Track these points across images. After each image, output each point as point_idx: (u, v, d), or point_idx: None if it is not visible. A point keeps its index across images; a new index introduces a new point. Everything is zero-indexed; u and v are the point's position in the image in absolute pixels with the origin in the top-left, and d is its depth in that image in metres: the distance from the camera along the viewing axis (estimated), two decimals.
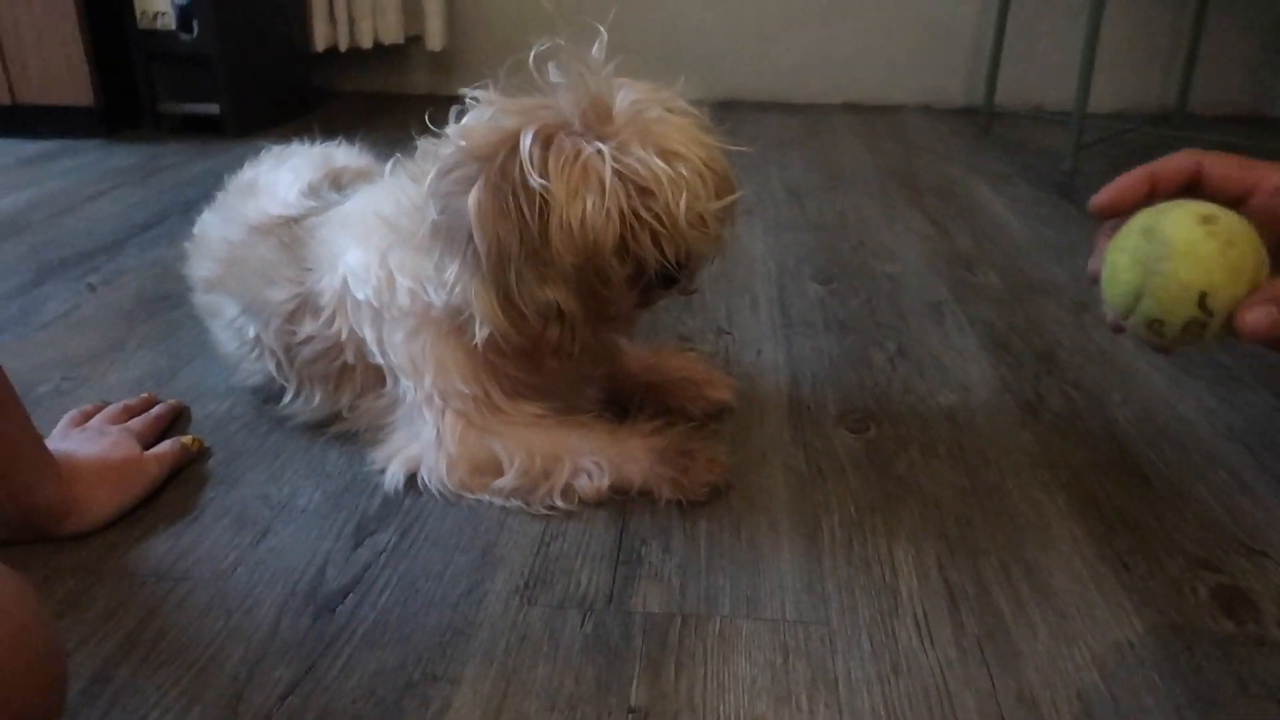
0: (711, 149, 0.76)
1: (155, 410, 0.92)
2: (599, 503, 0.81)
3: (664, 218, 0.73)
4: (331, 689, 0.62)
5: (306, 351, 0.90)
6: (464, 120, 0.77)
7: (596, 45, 0.78)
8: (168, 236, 1.49)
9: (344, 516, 0.80)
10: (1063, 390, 1.02)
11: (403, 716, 0.60)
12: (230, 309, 0.95)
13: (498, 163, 0.73)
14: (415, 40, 2.64)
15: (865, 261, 1.43)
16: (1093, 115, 1.98)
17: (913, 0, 2.55)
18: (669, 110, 0.76)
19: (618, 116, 0.74)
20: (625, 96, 0.75)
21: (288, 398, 0.93)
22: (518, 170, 0.72)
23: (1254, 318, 0.50)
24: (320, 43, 2.47)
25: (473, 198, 0.73)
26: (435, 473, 0.83)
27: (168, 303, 1.23)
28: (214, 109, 2.19)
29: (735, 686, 0.63)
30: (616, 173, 0.71)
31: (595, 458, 0.82)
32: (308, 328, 0.89)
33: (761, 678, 0.63)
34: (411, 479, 0.84)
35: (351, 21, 2.50)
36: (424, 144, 0.82)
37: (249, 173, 1.07)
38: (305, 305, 0.89)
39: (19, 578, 0.49)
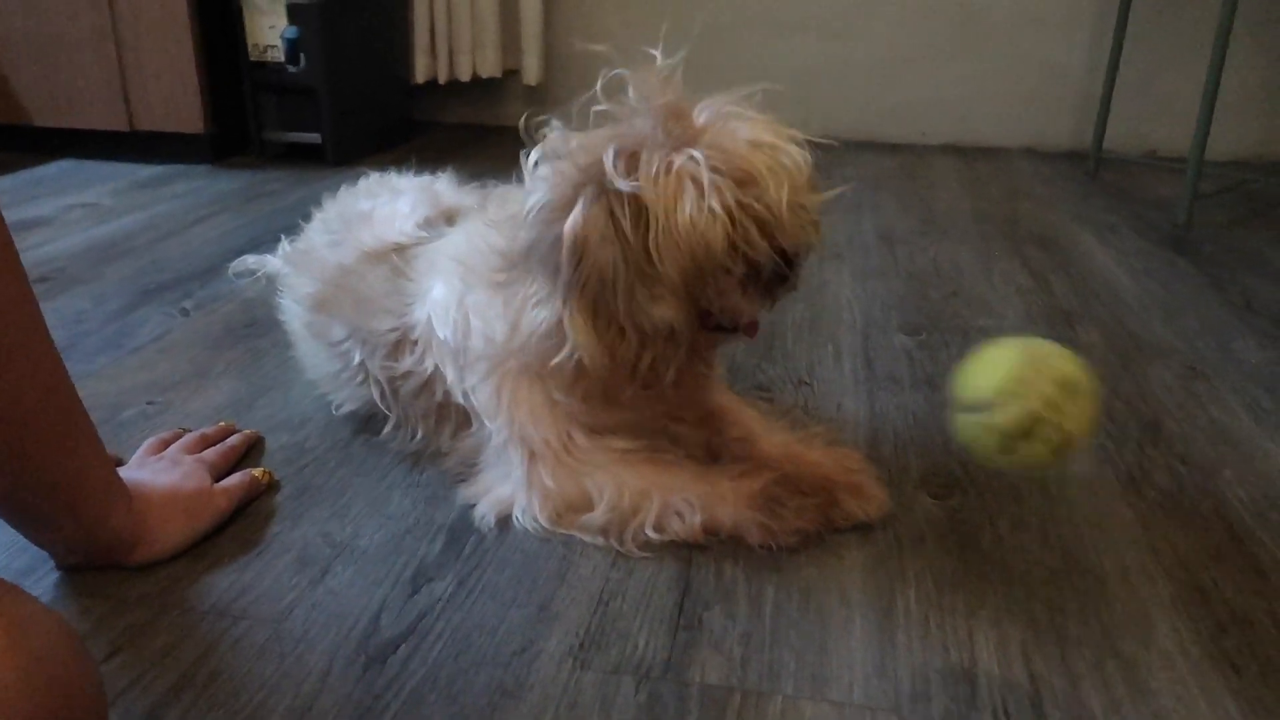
0: (798, 139, 0.75)
1: (231, 440, 0.93)
2: (691, 542, 0.80)
3: (771, 206, 0.72)
4: None
5: (407, 387, 0.91)
6: (540, 155, 0.77)
7: (660, 58, 0.76)
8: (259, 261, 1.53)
9: (404, 561, 0.79)
10: (1169, 465, 0.95)
11: None
12: (338, 331, 0.96)
13: (591, 185, 0.72)
14: (512, 74, 2.69)
15: (958, 313, 1.37)
16: (1211, 163, 1.88)
17: (1023, 39, 2.48)
18: (747, 111, 0.76)
19: (698, 122, 0.74)
20: (702, 103, 0.75)
21: (389, 428, 0.94)
22: (611, 188, 0.71)
23: None
24: (420, 75, 2.53)
25: (570, 224, 0.73)
26: (529, 511, 0.82)
27: (254, 330, 1.26)
28: (316, 138, 2.25)
29: None
30: (714, 169, 0.71)
31: (685, 495, 0.80)
32: (406, 363, 0.90)
33: None
34: (503, 519, 0.84)
35: (451, 55, 2.56)
36: (502, 188, 0.82)
37: (359, 200, 1.09)
38: (404, 339, 0.90)
39: (62, 622, 0.48)
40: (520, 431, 0.82)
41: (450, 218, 1.01)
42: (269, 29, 2.15)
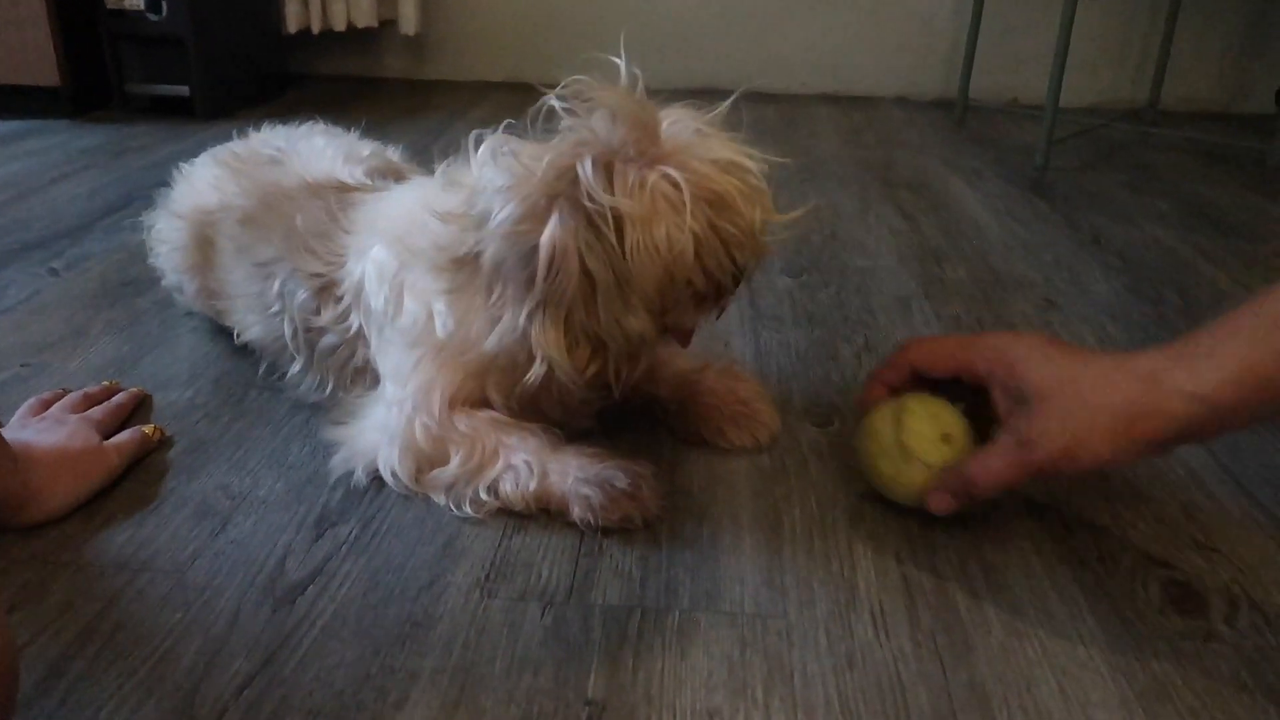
0: (758, 161, 0.77)
1: (116, 398, 0.92)
2: (523, 509, 0.79)
3: (742, 229, 0.73)
4: (289, 681, 0.62)
5: (325, 340, 0.90)
6: (492, 162, 0.76)
7: (624, 72, 0.77)
8: (134, 220, 1.47)
9: (305, 508, 0.80)
10: None
11: (360, 709, 0.60)
12: (264, 251, 0.94)
13: (565, 196, 0.72)
14: (389, 24, 2.62)
15: (836, 255, 1.43)
16: (1066, 110, 2.00)
17: None
18: (709, 129, 0.76)
19: (665, 137, 0.74)
20: (667, 118, 0.75)
21: (295, 369, 0.93)
22: (588, 199, 0.71)
23: (937, 502, 0.75)
24: (292, 24, 2.44)
25: (549, 235, 0.71)
26: (389, 462, 0.82)
27: (132, 288, 1.22)
28: (184, 91, 2.16)
29: (692, 679, 0.63)
30: (690, 190, 0.71)
31: (529, 458, 0.80)
32: (327, 316, 0.89)
33: (718, 671, 0.64)
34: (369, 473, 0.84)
35: (324, 3, 2.48)
36: (449, 170, 0.82)
37: (260, 145, 1.07)
38: (330, 290, 0.89)
39: None
40: (414, 394, 0.81)
41: (399, 174, 1.00)
42: None
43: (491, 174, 0.75)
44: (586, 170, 0.71)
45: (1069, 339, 1.14)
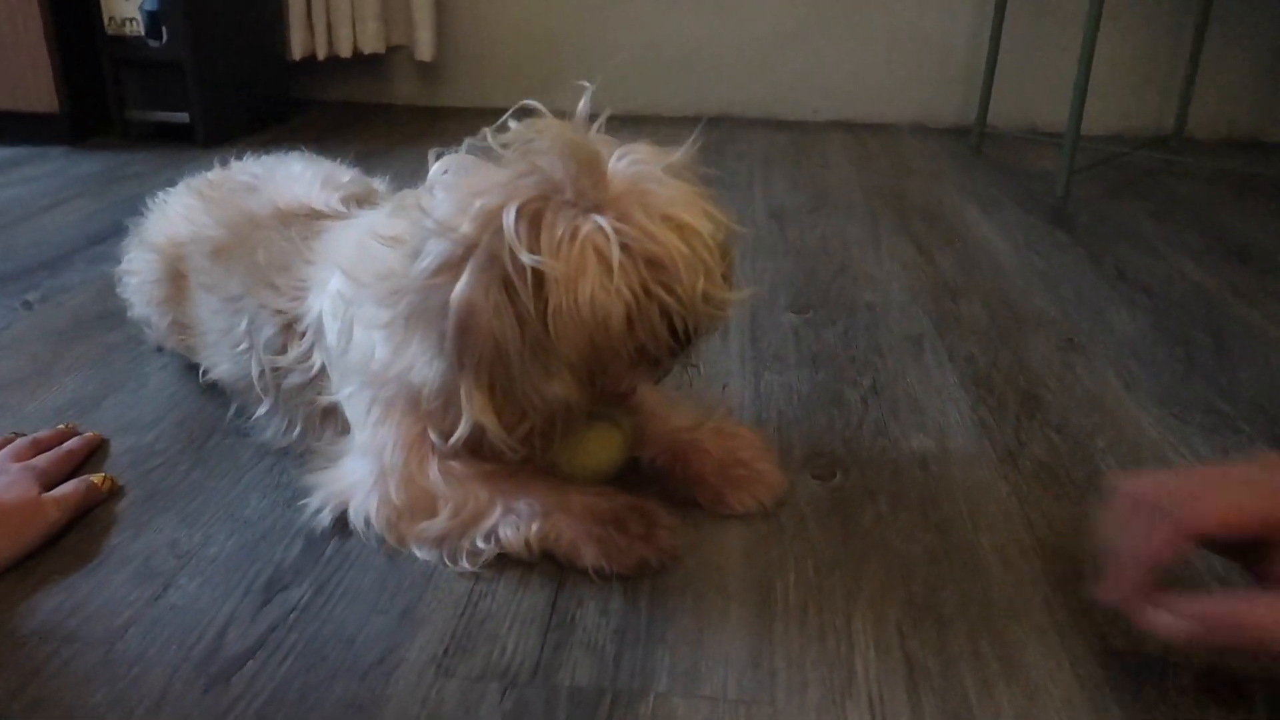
0: (716, 219, 0.69)
1: (68, 445, 0.86)
2: (525, 554, 0.73)
3: (681, 297, 0.66)
4: None
5: (290, 380, 0.84)
6: (434, 190, 0.70)
7: (582, 101, 0.71)
8: (116, 250, 1.42)
9: (257, 568, 0.74)
10: (1045, 436, 0.96)
11: None
12: (233, 286, 0.88)
13: (483, 249, 0.65)
14: (399, 50, 2.59)
15: (845, 289, 1.36)
16: (1088, 137, 1.93)
17: (907, 17, 2.50)
18: (666, 174, 0.69)
19: (613, 181, 0.67)
20: (620, 158, 0.68)
21: (262, 410, 0.87)
22: (508, 254, 0.64)
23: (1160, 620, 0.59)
24: (297, 51, 2.42)
25: (459, 293, 0.65)
26: (363, 509, 0.76)
27: (105, 323, 1.17)
28: (184, 117, 2.13)
29: None
30: (624, 247, 0.64)
31: (529, 500, 0.74)
32: (291, 355, 0.83)
33: None
34: (339, 521, 0.78)
35: (330, 29, 2.45)
36: (402, 193, 0.76)
37: (237, 173, 1.04)
38: (293, 327, 0.83)
39: None
40: (379, 447, 0.76)
41: (370, 200, 0.95)
42: (126, 1, 2.01)
43: (434, 200, 0.69)
44: (510, 220, 0.64)
45: (1091, 382, 1.07)
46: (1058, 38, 2.42)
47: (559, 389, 0.67)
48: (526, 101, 0.70)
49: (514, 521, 0.74)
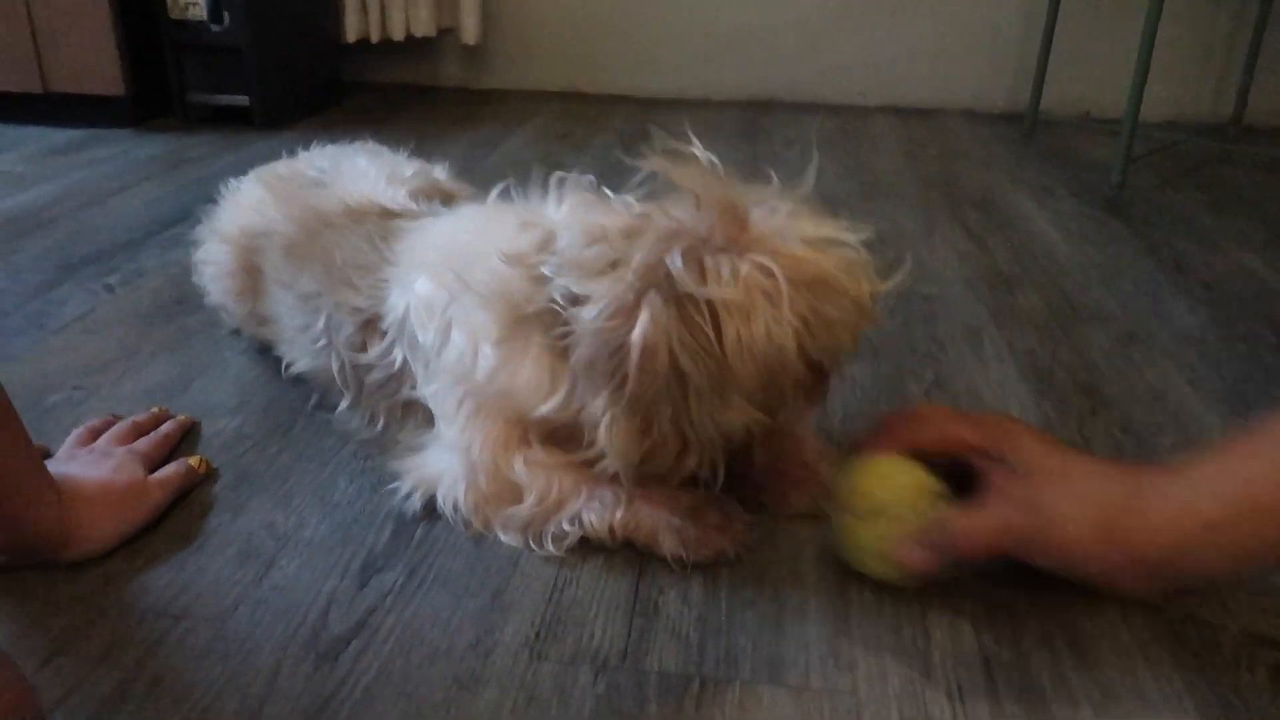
0: (851, 233, 0.73)
1: (164, 428, 0.90)
2: (608, 539, 0.76)
3: (848, 305, 0.70)
4: None
5: (372, 377, 0.88)
6: (575, 219, 0.73)
7: (699, 150, 0.73)
8: (188, 235, 1.46)
9: (351, 551, 0.77)
10: (1110, 433, 0.97)
11: None
12: (308, 284, 0.92)
13: (656, 289, 0.68)
14: (448, 32, 2.61)
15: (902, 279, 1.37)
16: (1143, 124, 1.91)
17: (958, 1, 2.48)
18: (799, 210, 0.72)
19: (754, 223, 0.70)
20: (755, 202, 0.71)
21: (344, 405, 0.91)
22: (683, 293, 0.67)
23: (912, 556, 0.70)
24: (351, 34, 2.45)
25: (640, 331, 0.68)
26: (451, 494, 0.80)
27: (184, 307, 1.21)
28: (243, 100, 2.17)
29: None
30: (787, 278, 0.67)
31: (614, 489, 0.77)
32: (373, 353, 0.86)
33: None
34: (425, 506, 0.81)
35: (383, 12, 2.47)
36: (522, 208, 0.80)
37: (304, 166, 1.06)
38: (374, 324, 0.86)
39: None
40: (467, 445, 0.79)
41: (446, 197, 0.97)
42: None
43: (576, 243, 0.72)
44: (677, 263, 0.67)
45: (1153, 378, 1.08)
46: (1112, 22, 2.39)
47: (737, 418, 0.70)
48: (656, 159, 0.72)
49: (597, 507, 0.77)
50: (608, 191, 0.77)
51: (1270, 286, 1.38)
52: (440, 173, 1.09)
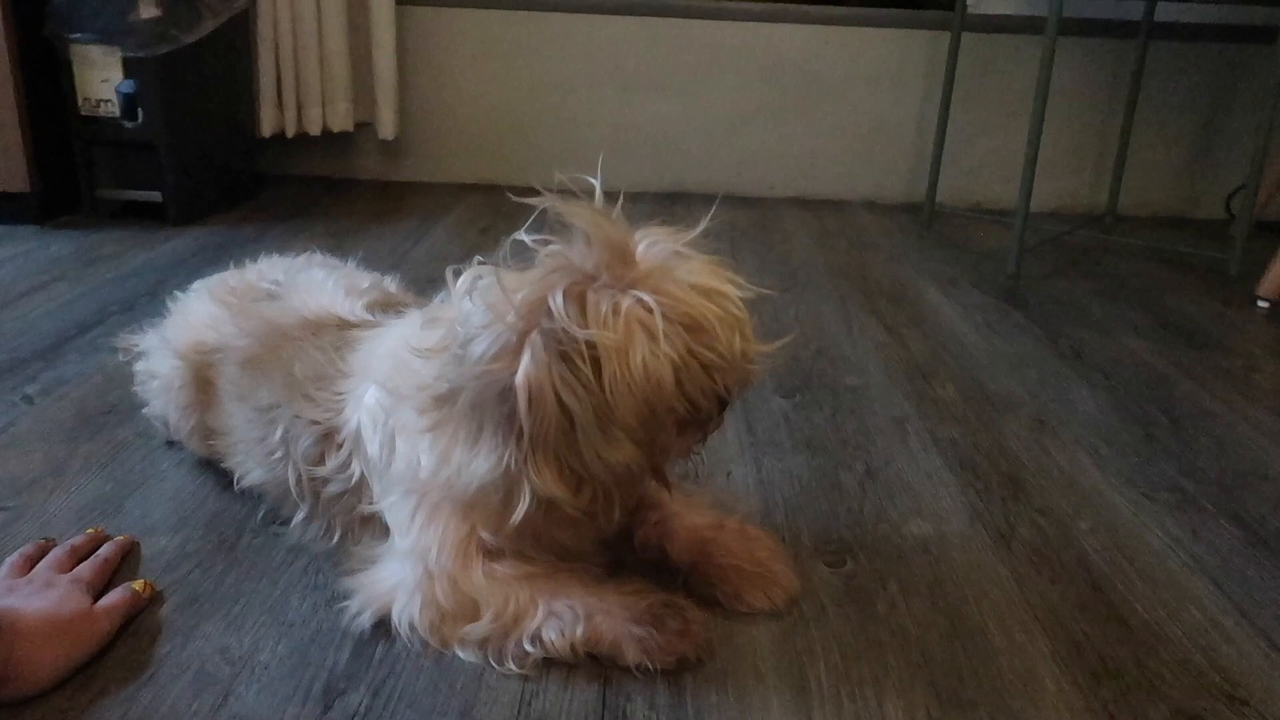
0: (738, 283, 0.76)
1: (103, 551, 0.87)
2: (570, 657, 0.77)
3: (722, 354, 0.72)
4: None
5: (329, 489, 0.87)
6: (468, 299, 0.75)
7: (598, 190, 0.77)
8: (109, 339, 1.43)
9: (311, 673, 0.76)
10: (1031, 518, 1.03)
11: None
12: (265, 396, 0.91)
13: (539, 330, 0.70)
14: (365, 126, 2.63)
15: (826, 371, 1.44)
16: (1031, 215, 2.06)
17: (858, 101, 2.64)
18: (686, 250, 0.75)
19: (641, 262, 0.73)
20: (642, 240, 0.74)
21: (299, 516, 0.90)
22: (562, 333, 0.69)
23: None
24: (267, 129, 2.45)
25: (524, 373, 0.70)
26: (407, 615, 0.79)
27: (112, 418, 1.18)
28: (156, 196, 2.13)
29: None
30: (664, 316, 0.70)
31: (570, 603, 0.78)
32: (330, 465, 0.86)
33: None
34: (380, 624, 0.81)
35: (300, 108, 2.49)
36: (430, 307, 0.81)
37: (256, 279, 1.05)
38: (331, 437, 0.86)
39: None
40: (424, 549, 0.79)
41: (398, 306, 0.98)
42: (101, 82, 2.03)
43: (469, 308, 0.74)
44: (558, 302, 0.70)
45: (1065, 463, 1.15)
46: (999, 120, 2.58)
47: (621, 454, 0.72)
48: (550, 199, 0.74)
49: (557, 625, 0.77)
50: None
51: (1158, 371, 1.49)
52: (392, 284, 1.11)
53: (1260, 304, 1.83)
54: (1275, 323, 1.77)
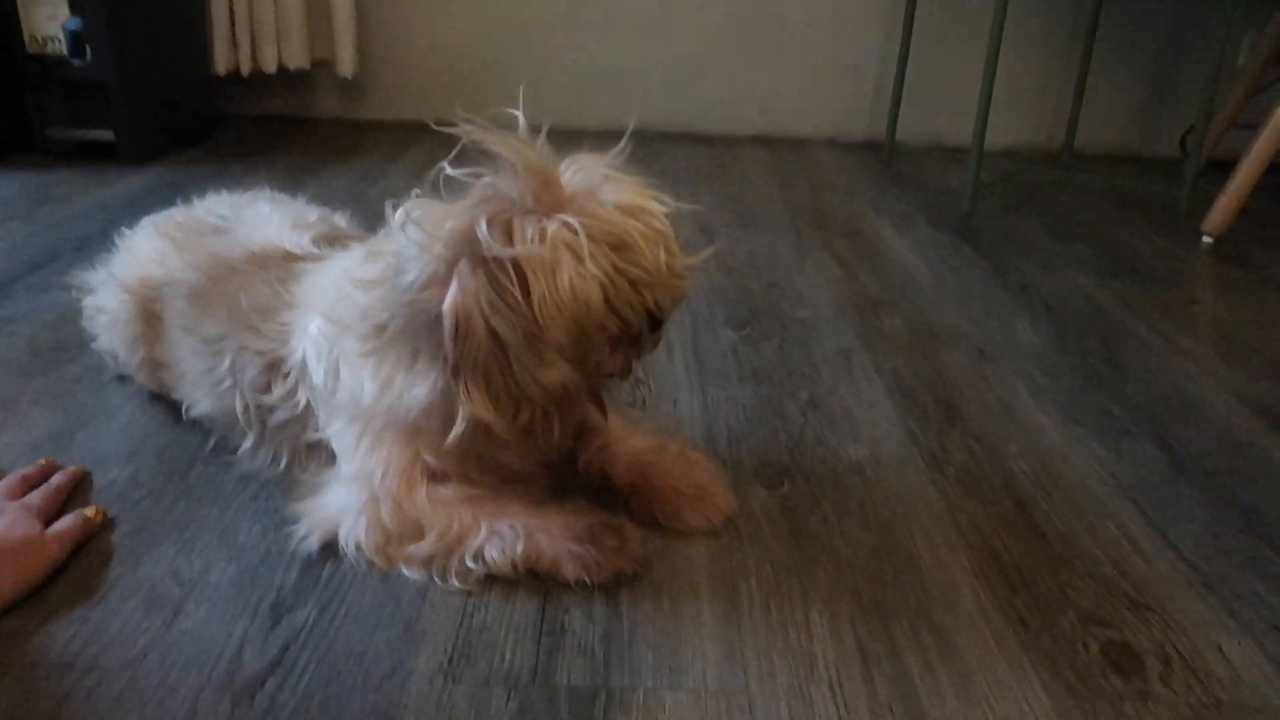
0: (662, 200, 0.77)
1: (55, 480, 0.89)
2: (511, 573, 0.80)
3: (647, 269, 0.74)
4: None
5: (276, 417, 0.89)
6: (402, 228, 0.76)
7: (521, 119, 0.78)
8: (61, 278, 1.43)
9: (260, 592, 0.79)
10: (964, 443, 1.07)
11: None
12: (212, 327, 0.92)
13: (465, 258, 0.72)
14: (323, 64, 2.59)
15: (777, 305, 1.46)
16: (988, 153, 2.08)
17: (820, 39, 2.63)
18: (611, 173, 0.77)
19: (567, 186, 0.74)
20: (568, 167, 0.76)
21: (247, 445, 0.92)
22: (489, 256, 0.71)
23: None
24: (221, 66, 2.41)
25: (452, 300, 0.72)
26: (353, 536, 0.82)
27: (63, 355, 1.19)
28: (108, 135, 2.10)
29: None
30: (589, 236, 0.71)
31: (512, 523, 0.81)
32: (277, 393, 0.88)
33: None
34: (327, 546, 0.83)
35: (254, 45, 2.44)
36: (372, 239, 0.82)
37: (203, 214, 1.06)
38: (277, 367, 0.88)
39: None
40: (368, 473, 0.82)
41: (345, 241, 0.99)
42: (48, 19, 1.99)
43: (402, 240, 0.76)
44: (483, 229, 0.71)
45: (1001, 391, 1.19)
46: (959, 59, 2.58)
47: (555, 375, 0.74)
48: (473, 130, 0.75)
49: (499, 543, 0.80)
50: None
51: (1100, 304, 1.53)
52: (341, 220, 1.11)
53: (1205, 240, 1.87)
54: (1218, 258, 1.81)
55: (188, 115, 2.36)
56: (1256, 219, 1.99)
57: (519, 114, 0.78)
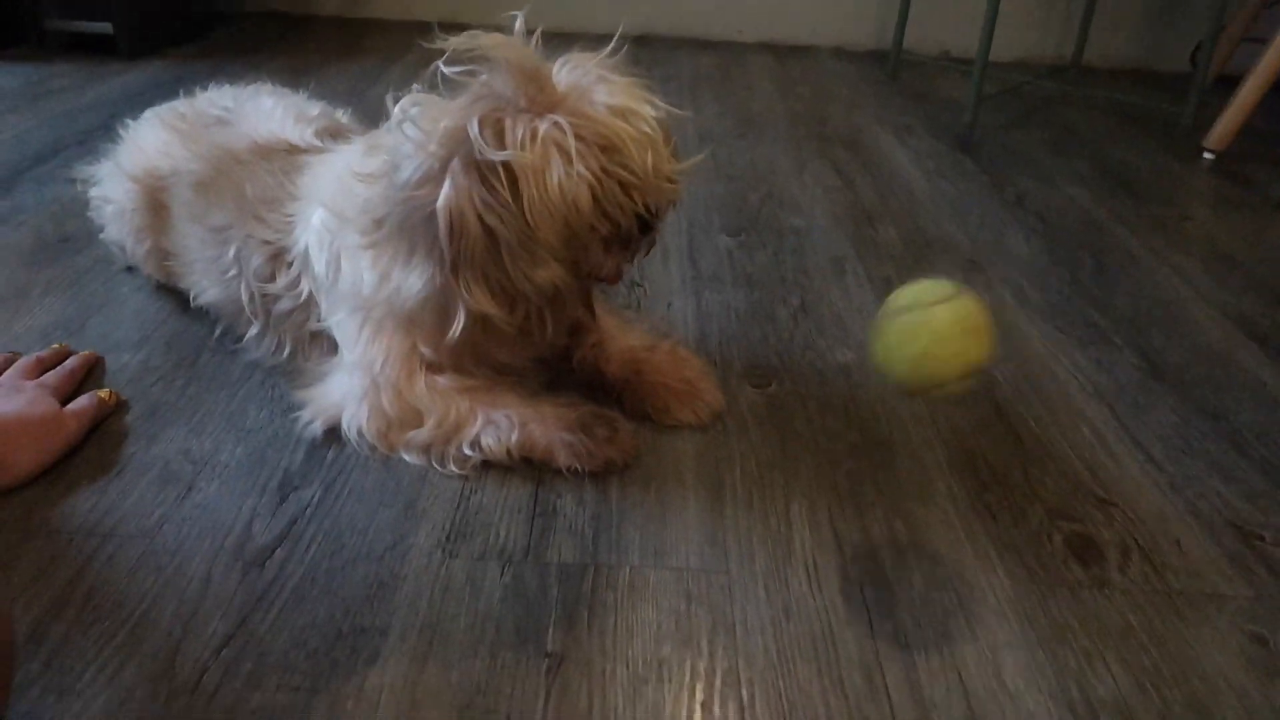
0: (655, 103, 0.78)
1: (69, 363, 0.92)
2: (506, 460, 0.84)
3: (635, 171, 0.75)
4: (265, 641, 0.66)
5: (279, 306, 0.92)
6: (401, 126, 0.77)
7: (518, 23, 0.78)
8: (65, 171, 1.44)
9: (268, 472, 0.83)
10: None
11: (334, 666, 0.64)
12: (218, 218, 0.95)
13: (458, 157, 0.73)
14: None
15: (773, 214, 1.48)
16: (994, 65, 2.05)
17: None
18: (605, 73, 0.77)
19: (560, 87, 0.75)
20: (562, 66, 0.77)
21: (252, 332, 0.95)
22: (480, 158, 0.72)
23: None
24: None
25: (445, 198, 0.74)
26: (355, 423, 0.86)
27: (70, 246, 1.21)
28: (106, 28, 2.08)
29: (643, 631, 0.69)
30: (579, 137, 0.73)
31: (507, 413, 0.85)
32: (280, 282, 0.91)
33: (666, 623, 0.70)
34: (331, 431, 0.87)
35: None
36: (373, 134, 0.83)
37: (206, 106, 1.07)
38: (281, 256, 0.91)
39: None
40: (369, 362, 0.85)
41: (347, 136, 1.00)
42: None
43: (400, 136, 0.77)
44: (474, 129, 0.73)
45: (988, 298, 1.21)
46: None
47: (547, 274, 0.77)
48: (467, 34, 0.76)
49: (494, 431, 0.84)
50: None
51: (1095, 219, 1.54)
52: (342, 115, 1.12)
53: (1206, 156, 1.87)
54: (1218, 174, 1.81)
55: (188, 10, 2.33)
56: (1262, 138, 1.98)
57: (519, 20, 0.79)
